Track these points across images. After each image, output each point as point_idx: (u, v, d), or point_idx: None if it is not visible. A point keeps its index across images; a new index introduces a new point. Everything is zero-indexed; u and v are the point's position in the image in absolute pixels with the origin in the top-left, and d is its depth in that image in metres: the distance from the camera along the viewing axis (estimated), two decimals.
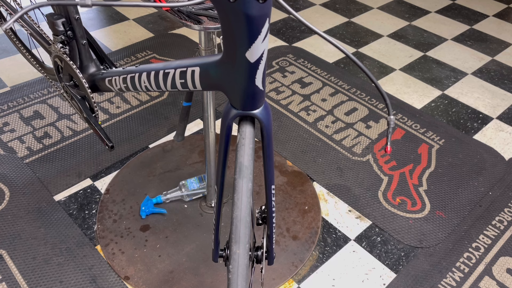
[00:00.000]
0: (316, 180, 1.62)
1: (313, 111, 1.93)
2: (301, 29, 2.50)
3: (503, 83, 2.16)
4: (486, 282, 1.33)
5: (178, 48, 2.29)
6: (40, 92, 1.95)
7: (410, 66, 2.24)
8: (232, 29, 0.58)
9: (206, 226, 1.44)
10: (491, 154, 1.76)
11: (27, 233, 1.39)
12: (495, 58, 2.34)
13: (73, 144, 1.71)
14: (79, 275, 1.29)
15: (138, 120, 1.84)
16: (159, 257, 1.34)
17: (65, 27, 0.99)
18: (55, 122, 1.81)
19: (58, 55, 1.02)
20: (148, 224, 1.44)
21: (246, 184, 0.68)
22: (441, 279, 1.33)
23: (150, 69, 0.81)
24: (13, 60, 2.14)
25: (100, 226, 1.42)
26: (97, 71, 1.04)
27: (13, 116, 1.83)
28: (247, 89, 0.65)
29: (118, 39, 2.33)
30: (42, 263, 1.31)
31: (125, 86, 0.89)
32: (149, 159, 1.66)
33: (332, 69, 2.18)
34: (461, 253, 1.40)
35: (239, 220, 0.68)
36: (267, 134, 0.71)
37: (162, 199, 1.48)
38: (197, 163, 1.66)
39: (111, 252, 1.35)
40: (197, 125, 1.83)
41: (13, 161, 1.63)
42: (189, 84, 0.74)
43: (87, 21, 2.47)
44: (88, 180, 1.58)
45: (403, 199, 1.57)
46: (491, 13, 2.75)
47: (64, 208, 1.48)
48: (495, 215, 1.53)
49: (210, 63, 0.69)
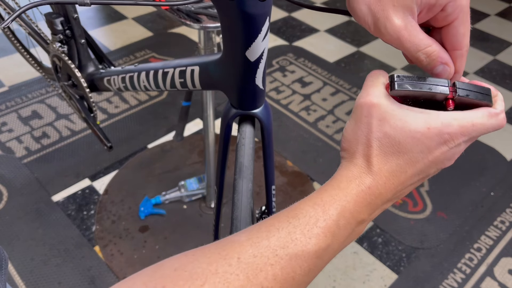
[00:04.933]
0: (316, 181, 1.61)
1: (313, 110, 1.91)
2: (301, 28, 2.49)
3: (504, 83, 2.15)
4: (487, 283, 1.32)
5: (177, 47, 2.28)
6: (39, 92, 1.94)
7: (411, 66, 2.23)
8: (232, 28, 0.57)
9: (206, 227, 1.43)
10: (493, 155, 1.75)
11: (25, 234, 1.38)
12: (496, 57, 2.33)
13: (72, 144, 1.70)
14: (78, 276, 1.28)
15: (137, 120, 1.83)
16: (158, 258, 1.33)
17: (63, 26, 0.98)
18: (53, 122, 1.80)
19: (57, 54, 1.01)
20: (147, 225, 1.43)
21: (246, 184, 0.67)
22: (443, 280, 1.32)
23: (149, 69, 0.80)
24: (11, 59, 2.13)
25: (99, 227, 1.41)
26: (96, 71, 1.03)
27: (11, 116, 1.82)
28: (247, 88, 0.64)
29: (116, 38, 2.32)
30: (40, 264, 1.30)
31: (124, 86, 0.88)
32: (148, 159, 1.65)
33: (333, 69, 2.17)
34: (462, 254, 1.39)
35: (239, 220, 0.67)
36: (267, 134, 0.70)
37: (161, 199, 1.47)
38: (197, 163, 1.65)
39: (110, 253, 1.34)
40: (196, 125, 1.82)
41: (11, 161, 1.62)
42: (188, 84, 0.72)
43: (85, 20, 2.46)
44: (86, 180, 1.57)
45: (405, 200, 1.56)
46: (492, 12, 2.74)
47: (62, 209, 1.46)
48: (497, 215, 1.52)
49: (209, 62, 0.68)
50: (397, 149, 0.36)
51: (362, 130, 0.37)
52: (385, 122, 0.36)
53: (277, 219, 0.36)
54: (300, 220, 0.35)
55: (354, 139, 0.38)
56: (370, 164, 0.37)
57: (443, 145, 0.36)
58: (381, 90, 0.38)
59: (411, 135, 0.36)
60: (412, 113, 0.36)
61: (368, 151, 0.37)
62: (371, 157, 0.37)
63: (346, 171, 0.38)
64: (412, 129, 0.36)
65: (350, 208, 0.36)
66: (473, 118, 0.36)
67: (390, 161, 0.37)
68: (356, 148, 0.38)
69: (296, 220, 0.35)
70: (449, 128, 0.36)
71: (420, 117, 0.36)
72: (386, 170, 0.37)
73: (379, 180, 0.37)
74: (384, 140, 0.37)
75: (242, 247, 0.34)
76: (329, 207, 0.36)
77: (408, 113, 0.36)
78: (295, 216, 0.36)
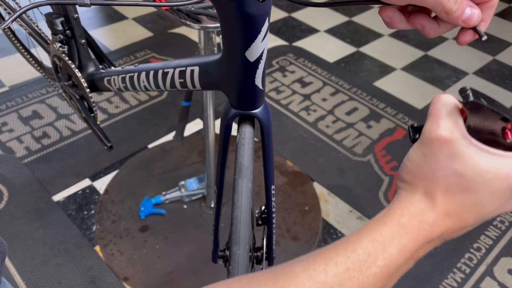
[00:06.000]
0: (316, 180, 1.61)
1: (313, 110, 1.92)
2: (301, 28, 2.49)
3: (504, 83, 2.15)
4: (487, 283, 1.32)
5: (178, 47, 2.28)
6: (39, 92, 1.94)
7: (411, 66, 2.24)
8: (231, 28, 0.57)
9: (206, 226, 1.43)
10: None
11: (26, 234, 1.38)
12: (496, 57, 2.33)
13: (72, 144, 1.70)
14: (78, 276, 1.28)
15: (137, 120, 1.83)
16: (158, 258, 1.34)
17: (63, 26, 0.98)
18: (53, 122, 1.80)
19: (57, 54, 1.01)
20: (147, 225, 1.43)
21: (246, 184, 0.68)
22: (442, 280, 1.32)
23: (149, 69, 0.80)
24: (11, 59, 2.13)
25: (99, 226, 1.42)
26: (96, 71, 1.04)
27: (12, 116, 1.82)
28: (247, 88, 0.64)
29: (117, 38, 2.33)
30: (40, 264, 1.31)
31: (124, 86, 0.88)
32: (148, 159, 1.66)
33: (333, 69, 2.17)
34: (462, 253, 1.40)
35: (239, 220, 0.67)
36: (267, 134, 0.70)
37: (162, 199, 1.48)
38: (197, 163, 1.65)
39: (110, 253, 1.34)
40: (196, 125, 1.82)
41: (11, 161, 1.62)
42: (188, 84, 0.73)
43: (86, 20, 2.46)
44: (87, 180, 1.57)
45: None
46: None
47: (63, 209, 1.47)
48: (497, 215, 1.52)
49: (209, 62, 0.68)
50: (466, 188, 0.34)
51: (430, 165, 0.36)
52: (455, 159, 0.35)
53: (335, 251, 0.35)
54: (360, 257, 0.34)
55: (420, 173, 0.36)
56: (435, 200, 0.35)
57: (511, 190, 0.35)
58: (452, 123, 0.36)
59: (481, 175, 0.34)
60: (484, 152, 0.35)
61: (435, 187, 0.35)
62: (436, 194, 0.35)
63: (408, 205, 0.36)
64: (483, 168, 0.34)
65: (410, 247, 0.35)
66: None
67: (456, 200, 0.35)
68: (421, 183, 0.36)
69: (355, 256, 0.34)
70: None
71: (490, 157, 0.35)
72: (451, 209, 0.35)
73: (443, 219, 0.35)
74: (452, 178, 0.35)
75: (298, 279, 0.33)
76: (390, 245, 0.35)
77: (479, 152, 0.35)
78: (353, 251, 0.35)
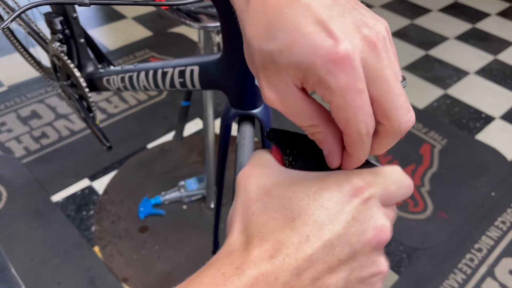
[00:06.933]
0: None
1: None
2: None
3: (505, 82, 2.15)
4: (488, 284, 1.31)
5: (177, 47, 2.28)
6: (38, 92, 1.94)
7: (412, 65, 2.23)
8: (231, 27, 0.56)
9: (206, 227, 1.43)
10: (494, 155, 1.75)
11: (25, 234, 1.38)
12: (497, 57, 2.32)
13: (71, 144, 1.70)
14: (77, 277, 1.27)
15: (136, 120, 1.82)
16: (157, 259, 1.33)
17: (63, 25, 0.98)
18: (52, 122, 1.79)
19: (56, 54, 1.01)
20: (147, 225, 1.42)
21: None
22: (443, 281, 1.31)
23: (149, 68, 0.79)
24: (10, 59, 2.12)
25: (98, 227, 1.41)
26: (95, 70, 1.03)
27: (10, 116, 1.81)
28: (247, 88, 0.63)
29: (116, 38, 2.32)
30: (39, 264, 1.30)
31: (123, 86, 0.88)
32: (148, 159, 1.65)
33: None
34: (463, 254, 1.39)
35: None
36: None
37: (161, 200, 1.47)
38: (196, 163, 1.64)
39: (109, 253, 1.34)
40: (196, 125, 1.81)
41: (10, 161, 1.61)
42: (188, 83, 0.72)
43: (85, 19, 2.45)
44: (86, 180, 1.56)
45: (405, 200, 1.55)
46: (494, 12, 2.73)
47: (62, 209, 1.46)
48: (498, 216, 1.51)
49: (209, 62, 0.67)
50: (285, 208, 0.27)
51: (239, 200, 0.30)
52: (266, 184, 0.29)
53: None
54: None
55: (232, 213, 0.30)
56: (248, 234, 0.27)
57: (353, 196, 0.27)
58: (259, 159, 0.32)
59: (299, 184, 0.28)
60: (294, 171, 0.30)
61: (248, 219, 0.28)
62: (249, 225, 0.28)
63: (224, 247, 0.29)
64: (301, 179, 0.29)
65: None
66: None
67: (277, 226, 0.27)
68: (234, 220, 0.29)
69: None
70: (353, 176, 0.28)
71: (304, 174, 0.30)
72: (274, 239, 0.26)
73: (263, 256, 0.26)
74: (265, 200, 0.28)
75: None
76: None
77: (289, 170, 0.31)
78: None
